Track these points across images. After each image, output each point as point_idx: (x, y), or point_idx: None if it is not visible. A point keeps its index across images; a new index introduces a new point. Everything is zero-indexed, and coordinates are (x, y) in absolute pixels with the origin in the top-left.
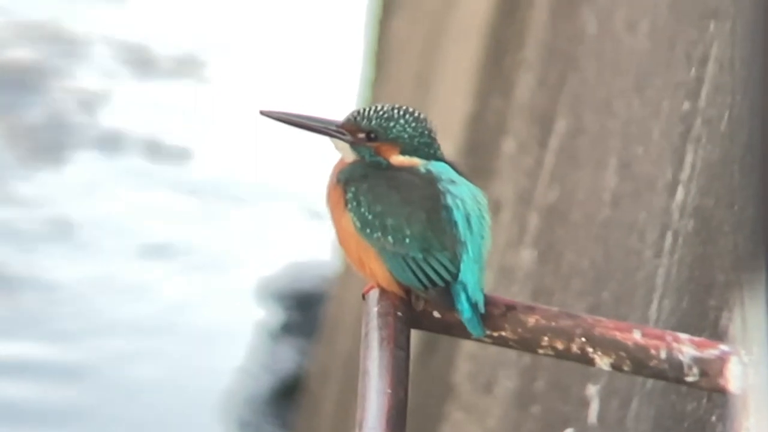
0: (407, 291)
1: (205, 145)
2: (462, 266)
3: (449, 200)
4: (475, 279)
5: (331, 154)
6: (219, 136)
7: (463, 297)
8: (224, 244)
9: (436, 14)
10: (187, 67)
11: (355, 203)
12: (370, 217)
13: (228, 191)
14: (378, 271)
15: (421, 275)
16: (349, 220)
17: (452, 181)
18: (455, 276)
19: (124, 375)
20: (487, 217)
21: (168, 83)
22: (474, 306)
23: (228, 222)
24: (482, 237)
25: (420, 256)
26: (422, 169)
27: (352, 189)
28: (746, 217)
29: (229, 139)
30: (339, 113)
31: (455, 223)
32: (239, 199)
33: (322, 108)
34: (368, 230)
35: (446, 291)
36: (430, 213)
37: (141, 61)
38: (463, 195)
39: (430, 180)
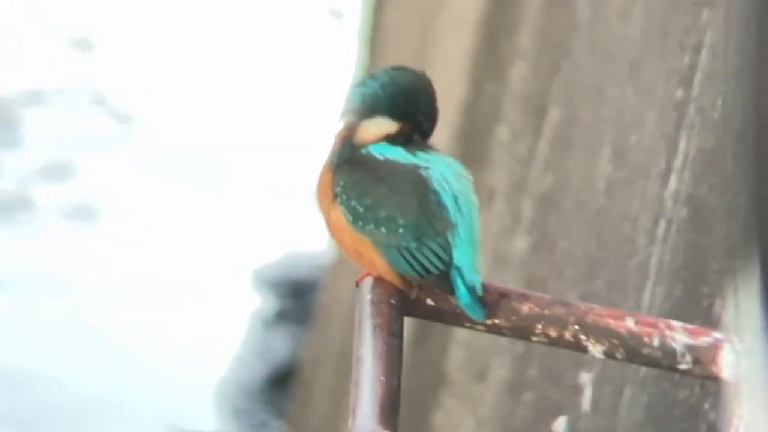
0: (405, 279)
1: (201, 133)
2: (455, 251)
3: (435, 184)
4: (470, 262)
5: (323, 144)
6: (215, 123)
7: (459, 282)
8: (217, 232)
9: (430, 1)
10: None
11: (344, 197)
12: (361, 210)
13: (223, 180)
14: (377, 260)
15: (415, 264)
16: (339, 213)
17: (427, 161)
18: (449, 263)
19: (118, 363)
20: (473, 197)
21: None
22: (471, 290)
23: (221, 210)
24: (472, 219)
25: (414, 245)
26: (402, 159)
27: (341, 183)
28: (739, 204)
29: (225, 127)
30: (332, 100)
31: (445, 207)
32: (234, 188)
33: (316, 96)
34: (360, 223)
35: (443, 277)
36: (420, 199)
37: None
38: (447, 174)
39: (413, 166)
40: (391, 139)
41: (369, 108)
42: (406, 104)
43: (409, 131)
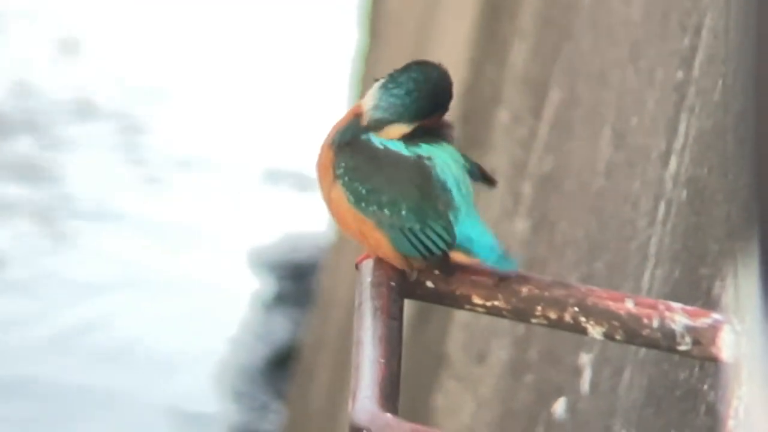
0: (407, 260)
1: (200, 118)
2: (460, 226)
3: (439, 171)
4: (479, 229)
5: (323, 129)
6: (211, 110)
7: (478, 246)
8: (218, 215)
9: None
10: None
11: (346, 178)
12: (363, 192)
13: (223, 164)
14: (381, 240)
15: (419, 245)
16: (341, 193)
17: (429, 151)
18: (451, 243)
19: (117, 344)
20: (469, 181)
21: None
22: (492, 248)
23: (222, 193)
24: (472, 201)
25: (417, 226)
26: (403, 151)
27: (342, 165)
28: (739, 186)
29: (224, 112)
30: (332, 84)
31: (450, 191)
32: (233, 170)
33: (315, 78)
34: (363, 204)
35: (445, 258)
36: (422, 187)
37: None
38: (448, 161)
39: (416, 157)
40: (407, 137)
41: (394, 117)
42: (433, 109)
43: (426, 125)
